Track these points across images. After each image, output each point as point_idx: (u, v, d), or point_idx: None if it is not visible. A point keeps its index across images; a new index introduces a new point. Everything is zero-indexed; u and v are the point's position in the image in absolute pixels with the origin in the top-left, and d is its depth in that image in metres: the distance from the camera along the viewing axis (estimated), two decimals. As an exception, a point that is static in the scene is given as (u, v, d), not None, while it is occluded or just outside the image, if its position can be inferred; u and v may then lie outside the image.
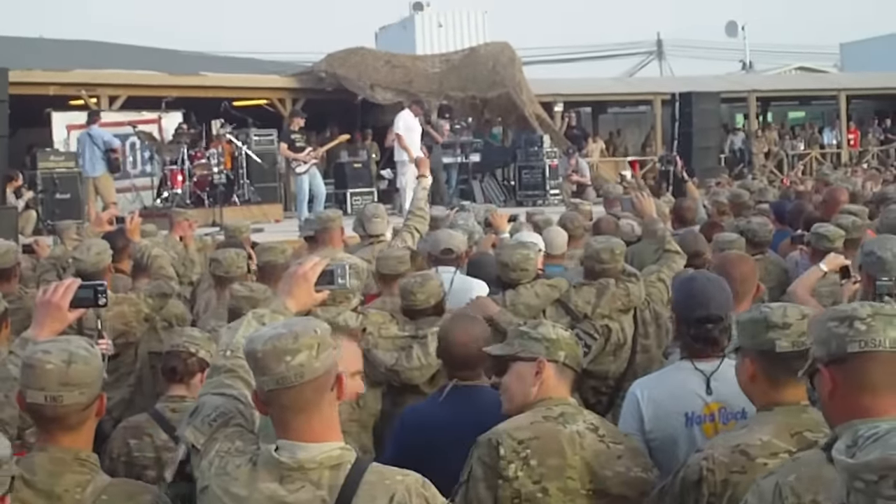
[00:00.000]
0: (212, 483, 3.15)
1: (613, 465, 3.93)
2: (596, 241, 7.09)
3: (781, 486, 2.98)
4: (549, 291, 6.85)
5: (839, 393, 2.90)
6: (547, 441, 3.92)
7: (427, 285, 6.43)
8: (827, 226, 7.89)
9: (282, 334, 3.07)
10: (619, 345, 6.71)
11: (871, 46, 48.52)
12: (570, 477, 3.90)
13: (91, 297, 4.00)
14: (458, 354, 5.02)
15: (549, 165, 23.15)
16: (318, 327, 3.13)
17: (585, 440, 3.94)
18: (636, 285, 6.78)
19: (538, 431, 3.94)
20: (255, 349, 3.07)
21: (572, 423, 3.98)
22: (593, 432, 3.98)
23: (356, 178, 22.11)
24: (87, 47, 29.54)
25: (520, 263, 6.87)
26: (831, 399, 2.93)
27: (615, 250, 6.82)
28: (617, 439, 4.02)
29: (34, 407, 3.43)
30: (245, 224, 11.03)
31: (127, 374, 7.26)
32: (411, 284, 6.42)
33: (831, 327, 2.93)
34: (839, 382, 2.90)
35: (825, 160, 33.47)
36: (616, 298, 6.70)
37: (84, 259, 7.39)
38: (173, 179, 19.49)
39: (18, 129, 19.43)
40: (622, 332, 6.73)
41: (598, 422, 4.07)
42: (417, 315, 6.39)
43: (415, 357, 6.02)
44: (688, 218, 10.70)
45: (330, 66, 25.04)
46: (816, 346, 2.99)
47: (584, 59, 53.60)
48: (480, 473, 3.94)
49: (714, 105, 24.13)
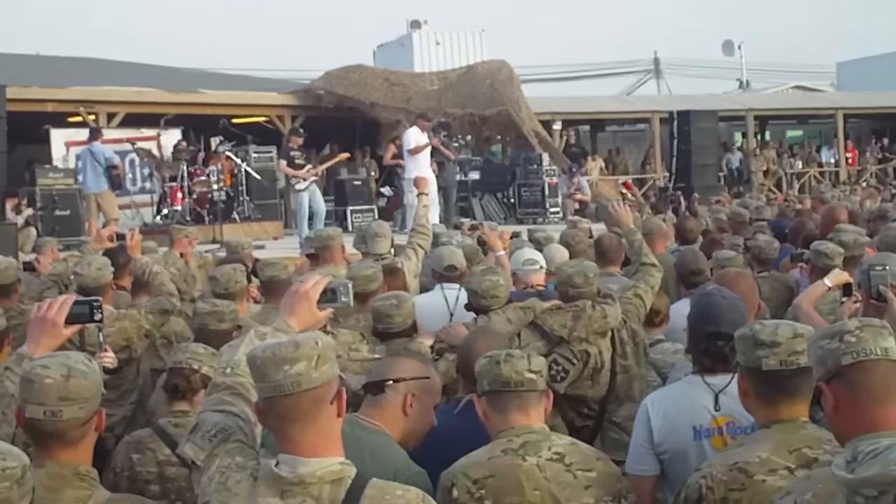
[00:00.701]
0: (212, 499, 3.14)
1: (581, 496, 3.88)
2: (568, 265, 6.90)
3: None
4: (522, 315, 6.67)
5: (842, 407, 2.92)
6: (503, 478, 3.86)
7: (403, 307, 6.34)
8: (827, 243, 7.84)
9: (282, 343, 3.10)
10: (596, 369, 6.54)
11: (867, 65, 48.68)
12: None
13: (87, 313, 4.00)
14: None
15: (548, 183, 23.20)
16: (320, 339, 3.13)
17: (548, 471, 3.88)
18: (613, 307, 6.60)
19: (494, 468, 3.89)
20: (256, 356, 3.10)
21: (535, 453, 3.91)
22: (559, 461, 3.91)
23: (356, 195, 22.14)
24: (85, 64, 29.55)
25: (489, 290, 6.71)
26: (836, 414, 2.95)
27: (588, 274, 6.62)
28: (587, 466, 3.95)
29: (33, 422, 3.41)
30: (247, 241, 11.08)
31: (129, 391, 7.28)
32: (387, 307, 6.31)
33: (824, 345, 2.98)
34: (840, 397, 2.92)
35: (823, 178, 33.57)
36: (593, 321, 6.50)
37: (85, 275, 7.41)
38: (173, 196, 19.55)
39: (17, 146, 19.46)
40: (600, 355, 6.55)
41: (567, 448, 3.99)
42: (391, 338, 6.30)
43: None
44: (690, 238, 10.69)
45: (329, 83, 25.10)
46: (815, 367, 3.03)
47: (582, 78, 53.79)
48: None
49: (712, 123, 24.20)
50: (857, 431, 2.81)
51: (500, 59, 26.43)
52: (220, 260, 10.32)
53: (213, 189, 19.68)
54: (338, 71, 25.49)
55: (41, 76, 23.41)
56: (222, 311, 6.45)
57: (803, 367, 3.54)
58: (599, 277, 6.82)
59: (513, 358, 4.05)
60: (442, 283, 7.78)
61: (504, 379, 4.01)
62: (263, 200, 21.13)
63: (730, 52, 52.98)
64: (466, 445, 4.22)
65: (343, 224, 20.40)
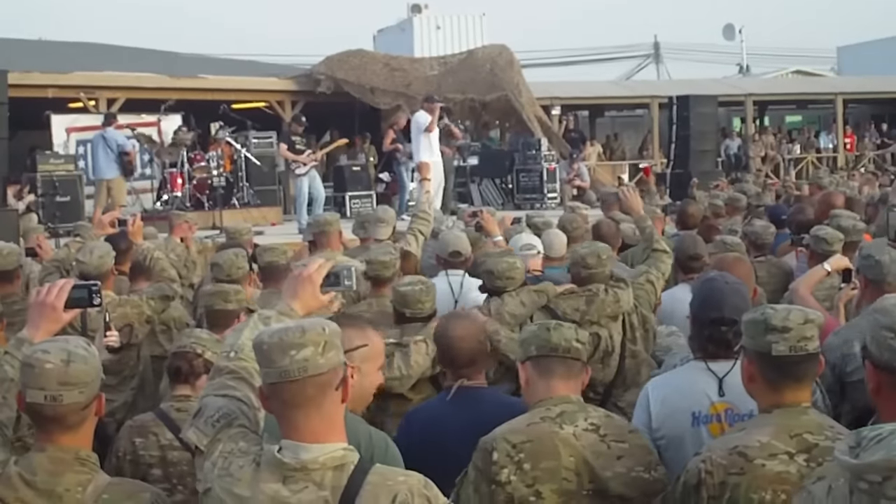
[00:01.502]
0: (215, 484, 3.15)
1: (613, 465, 3.93)
2: (581, 246, 6.95)
3: (834, 489, 2.88)
4: (536, 298, 6.73)
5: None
6: (541, 443, 3.93)
7: (431, 292, 6.35)
8: (826, 228, 7.86)
9: (289, 328, 3.09)
10: (607, 352, 6.58)
11: (867, 50, 48.61)
12: (565, 478, 3.91)
13: (86, 298, 4.00)
14: (458, 350, 5.01)
15: (546, 169, 23.15)
16: (327, 326, 3.12)
17: (584, 440, 3.95)
18: (625, 291, 6.65)
19: (533, 434, 3.96)
20: (262, 341, 3.08)
21: (571, 422, 3.98)
22: (594, 432, 3.98)
23: (355, 181, 22.11)
24: (86, 49, 29.48)
25: (506, 272, 6.75)
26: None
27: (601, 255, 6.67)
28: (621, 438, 4.01)
29: (34, 407, 3.44)
30: (246, 227, 11.07)
31: (130, 376, 7.28)
32: (417, 293, 6.27)
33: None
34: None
35: (821, 164, 33.53)
36: (605, 306, 6.55)
37: (87, 262, 7.41)
38: (173, 182, 19.54)
39: (18, 132, 19.42)
40: (611, 339, 6.60)
41: (602, 420, 4.06)
42: (412, 321, 6.29)
43: (395, 367, 5.89)
44: (690, 223, 10.70)
45: (329, 68, 25.03)
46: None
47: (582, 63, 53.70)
48: (473, 477, 4.00)
49: (711, 108, 24.11)
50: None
51: (500, 44, 26.28)
52: (220, 245, 10.33)
53: (213, 175, 19.71)
54: (338, 56, 25.40)
55: (43, 62, 23.37)
56: (227, 291, 6.48)
57: (811, 353, 3.59)
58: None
59: (562, 326, 4.20)
60: (447, 270, 7.80)
61: (553, 345, 4.13)
62: (263, 186, 21.14)
63: (730, 37, 52.83)
64: (461, 431, 4.30)
65: (342, 210, 20.38)
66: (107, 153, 18.11)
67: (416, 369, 5.92)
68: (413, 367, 5.91)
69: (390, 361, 5.92)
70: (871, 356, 3.09)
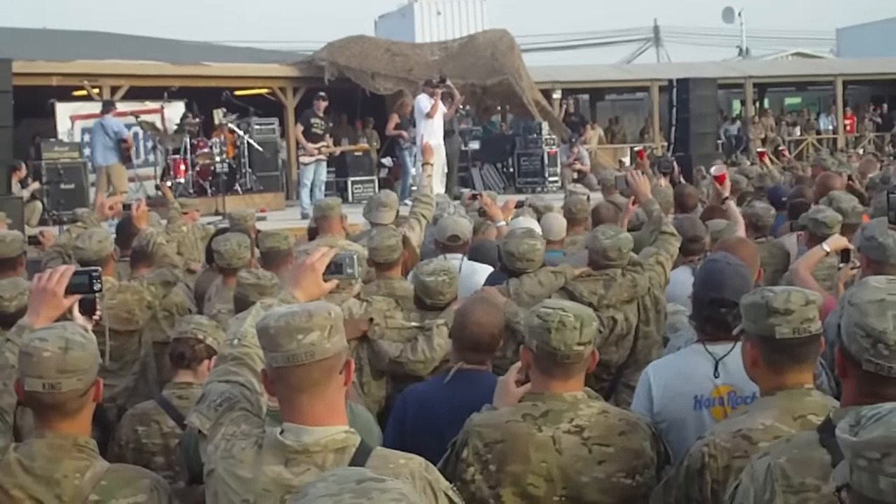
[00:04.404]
0: (217, 466, 3.17)
1: (592, 470, 3.86)
2: (605, 235, 6.74)
3: (773, 468, 2.99)
4: (554, 280, 6.74)
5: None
6: (513, 445, 3.87)
7: (454, 283, 6.33)
8: (825, 210, 7.85)
9: (296, 312, 3.10)
10: (622, 335, 6.58)
11: (867, 31, 48.49)
12: (531, 483, 3.85)
13: (86, 284, 4.01)
14: (471, 334, 4.98)
15: (547, 153, 23.13)
16: (332, 310, 3.14)
17: (563, 444, 3.86)
18: (642, 276, 6.66)
19: (508, 433, 3.90)
20: (268, 325, 3.09)
21: (553, 423, 3.88)
22: (577, 434, 3.88)
23: (357, 166, 22.08)
24: (89, 37, 29.51)
25: (526, 253, 6.76)
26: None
27: (622, 248, 6.61)
28: (606, 441, 3.90)
29: (32, 395, 3.46)
30: (250, 212, 11.07)
31: (131, 362, 7.27)
32: (440, 284, 6.22)
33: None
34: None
35: (821, 146, 33.53)
36: (623, 290, 6.57)
37: (86, 248, 7.37)
38: (176, 169, 19.54)
39: (23, 120, 19.45)
40: (626, 321, 6.59)
41: (592, 419, 3.92)
42: (433, 308, 6.27)
43: (419, 350, 5.98)
44: (689, 204, 10.68)
45: (330, 54, 24.96)
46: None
47: (582, 47, 53.61)
48: (446, 467, 3.93)
49: (711, 91, 24.06)
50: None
51: (500, 29, 26.23)
52: (218, 230, 10.26)
53: (216, 161, 19.73)
54: (339, 42, 25.33)
55: (46, 50, 23.38)
56: (264, 285, 6.34)
57: (814, 335, 3.59)
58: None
59: (564, 328, 3.90)
60: (445, 254, 7.84)
61: (552, 348, 3.91)
62: (265, 172, 21.15)
63: (730, 19, 52.77)
64: (454, 414, 4.25)
65: (344, 195, 20.27)
66: (105, 141, 18.08)
67: (439, 352, 5.95)
68: (436, 350, 5.96)
69: (414, 346, 6.00)
70: (841, 342, 3.04)
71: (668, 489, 3.70)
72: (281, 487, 3.05)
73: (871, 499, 2.23)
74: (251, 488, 3.09)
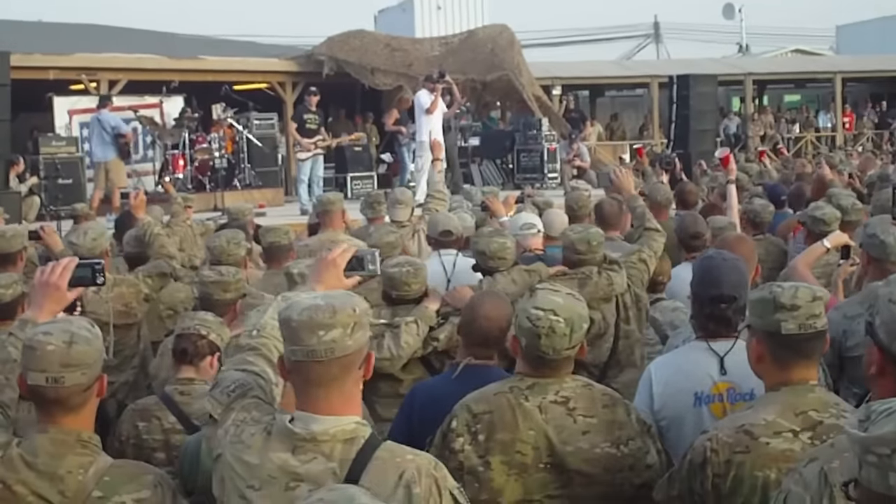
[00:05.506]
0: (225, 451, 3.17)
1: (576, 440, 3.89)
2: (573, 230, 6.80)
3: (828, 472, 2.92)
4: (528, 278, 6.68)
5: None
6: (500, 415, 3.91)
7: (420, 274, 6.31)
8: (824, 207, 7.85)
9: (319, 306, 3.06)
10: (598, 335, 6.47)
11: (866, 29, 48.42)
12: (519, 451, 3.88)
13: (89, 276, 3.96)
14: (480, 328, 4.94)
15: (547, 149, 23.16)
16: (357, 306, 3.12)
17: (549, 413, 3.91)
18: (619, 274, 6.60)
19: (495, 404, 3.94)
20: (291, 317, 3.07)
21: (539, 395, 3.93)
22: (562, 405, 3.93)
23: (356, 161, 22.09)
24: (86, 30, 29.43)
25: (497, 252, 6.74)
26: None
27: (591, 241, 6.57)
28: (590, 412, 3.94)
29: (36, 389, 3.43)
30: (248, 207, 11.09)
31: (130, 356, 7.23)
32: (404, 275, 6.24)
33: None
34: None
35: (820, 143, 33.52)
36: (599, 289, 6.50)
37: (80, 244, 7.30)
38: (175, 164, 19.49)
39: (20, 114, 19.44)
40: (603, 321, 6.53)
41: (577, 391, 3.98)
42: (401, 303, 6.27)
43: (385, 348, 5.89)
44: (690, 201, 10.69)
45: (330, 49, 24.92)
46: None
47: (582, 43, 53.59)
48: (436, 440, 4.02)
49: (711, 88, 24.08)
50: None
51: (501, 24, 26.18)
52: (219, 226, 10.30)
53: (215, 156, 19.68)
54: (339, 37, 25.29)
55: (43, 43, 23.32)
56: (227, 282, 6.31)
57: (820, 331, 3.59)
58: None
59: (554, 334, 3.91)
60: (439, 249, 7.78)
61: (540, 353, 3.94)
62: (264, 167, 21.13)
63: (730, 16, 52.72)
64: None
65: (343, 191, 20.34)
66: (102, 136, 18.02)
67: (406, 350, 5.93)
68: (403, 348, 5.92)
69: (380, 343, 5.91)
70: (878, 339, 3.03)
71: (672, 482, 3.72)
72: (286, 474, 3.05)
73: (880, 494, 2.22)
74: (257, 474, 3.09)
